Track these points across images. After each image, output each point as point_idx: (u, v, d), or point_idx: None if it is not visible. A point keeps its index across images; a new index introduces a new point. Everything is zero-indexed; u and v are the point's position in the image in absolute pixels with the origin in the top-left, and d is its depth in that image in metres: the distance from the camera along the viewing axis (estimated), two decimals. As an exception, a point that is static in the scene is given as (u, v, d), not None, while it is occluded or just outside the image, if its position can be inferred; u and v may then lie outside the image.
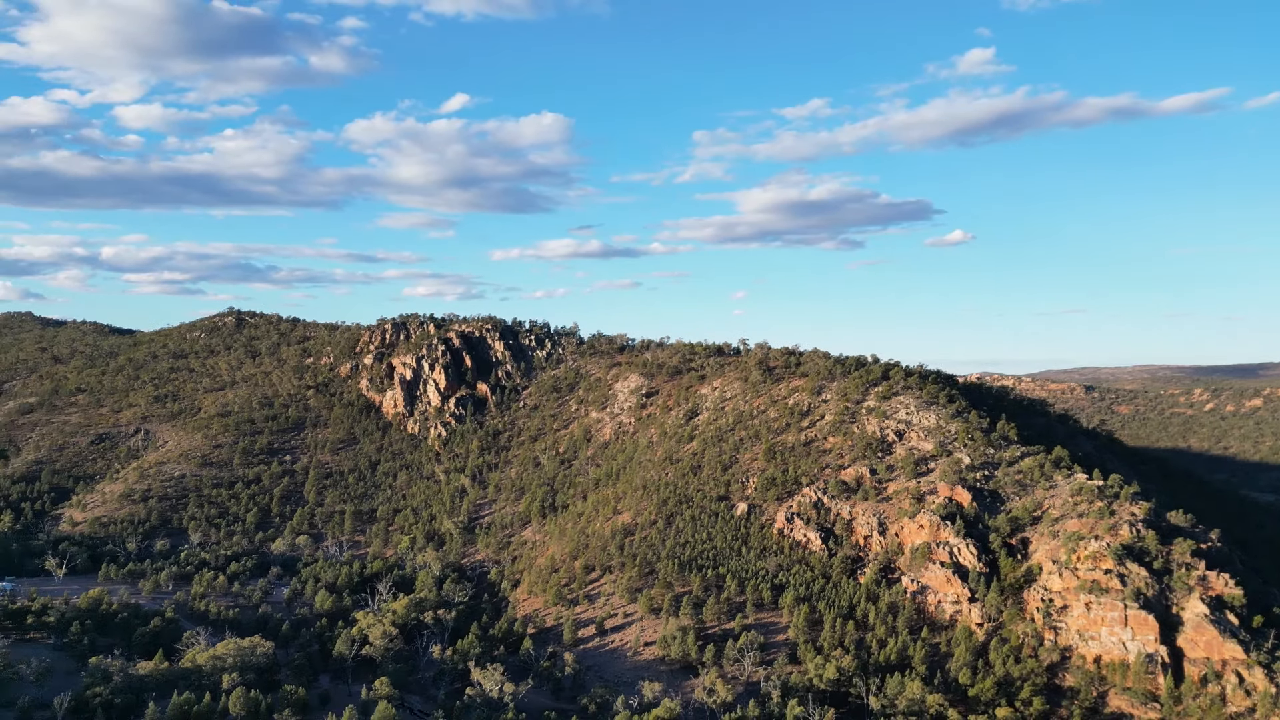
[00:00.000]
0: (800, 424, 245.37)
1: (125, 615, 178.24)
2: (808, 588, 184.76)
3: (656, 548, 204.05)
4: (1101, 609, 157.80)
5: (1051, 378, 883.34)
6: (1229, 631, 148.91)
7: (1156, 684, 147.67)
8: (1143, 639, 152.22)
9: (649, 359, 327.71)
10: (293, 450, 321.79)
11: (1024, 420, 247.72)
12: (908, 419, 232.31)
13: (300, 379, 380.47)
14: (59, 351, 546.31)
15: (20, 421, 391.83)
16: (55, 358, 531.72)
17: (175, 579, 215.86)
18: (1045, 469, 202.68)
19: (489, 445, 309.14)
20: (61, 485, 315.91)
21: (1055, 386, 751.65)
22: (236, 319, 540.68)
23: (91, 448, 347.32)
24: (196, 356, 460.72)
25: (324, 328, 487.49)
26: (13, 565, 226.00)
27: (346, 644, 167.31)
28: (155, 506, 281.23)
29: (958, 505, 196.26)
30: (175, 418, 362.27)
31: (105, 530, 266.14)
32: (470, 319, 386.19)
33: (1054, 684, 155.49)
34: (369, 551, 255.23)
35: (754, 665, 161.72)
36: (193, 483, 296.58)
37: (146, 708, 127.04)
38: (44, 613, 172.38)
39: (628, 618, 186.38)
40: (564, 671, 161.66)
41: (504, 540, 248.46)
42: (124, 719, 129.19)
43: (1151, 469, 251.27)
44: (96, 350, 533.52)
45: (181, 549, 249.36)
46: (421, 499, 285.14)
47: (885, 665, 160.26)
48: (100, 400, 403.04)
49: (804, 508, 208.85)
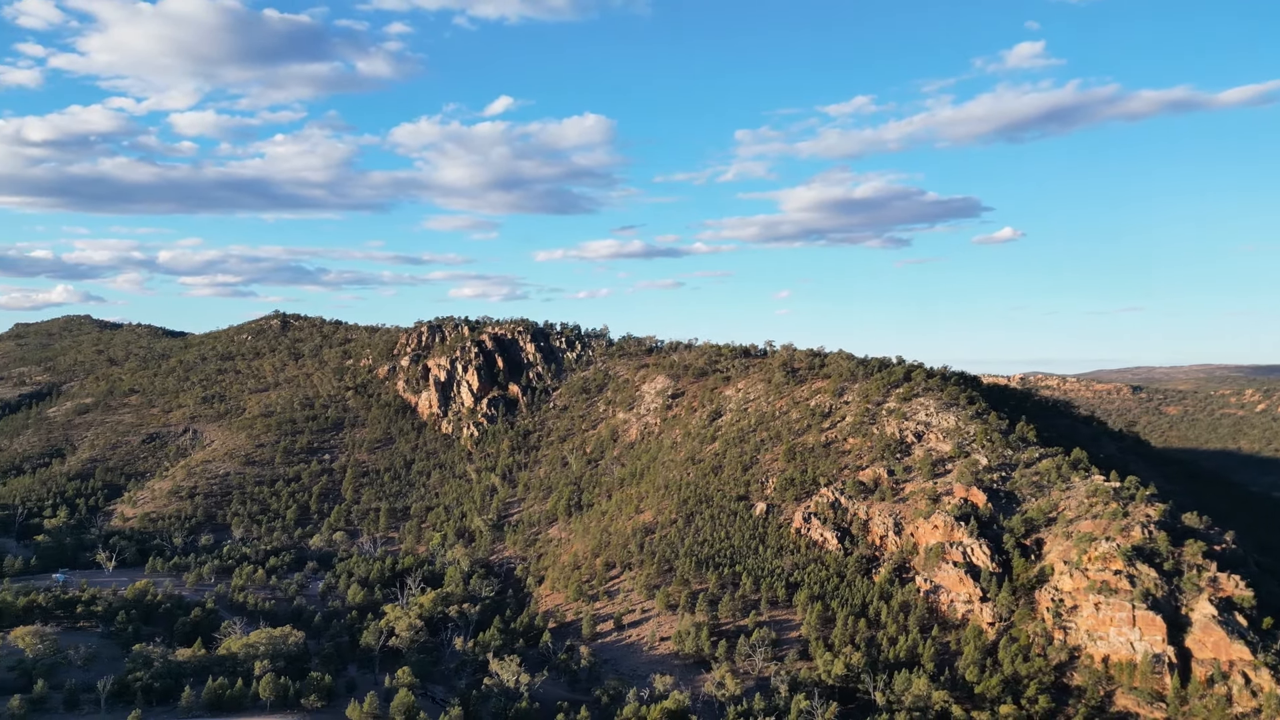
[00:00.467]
0: (821, 425, 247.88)
1: (168, 605, 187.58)
2: (822, 586, 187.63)
3: (675, 546, 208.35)
4: (1110, 609, 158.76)
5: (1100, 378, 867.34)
6: (1237, 633, 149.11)
7: (1163, 684, 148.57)
8: (1150, 639, 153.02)
9: (676, 360, 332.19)
10: (331, 449, 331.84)
11: (1046, 422, 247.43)
12: (927, 420, 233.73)
13: (340, 380, 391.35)
14: (114, 354, 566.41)
15: (77, 421, 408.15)
16: (111, 360, 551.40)
17: (217, 572, 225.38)
18: (1062, 470, 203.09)
19: (519, 445, 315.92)
20: (114, 482, 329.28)
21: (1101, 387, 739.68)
22: (282, 321, 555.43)
23: (142, 446, 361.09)
24: (243, 358, 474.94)
25: (364, 330, 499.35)
26: (66, 558, 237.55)
27: (374, 635, 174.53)
28: (201, 503, 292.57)
29: (973, 506, 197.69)
30: (221, 418, 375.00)
31: (154, 525, 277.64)
32: (503, 321, 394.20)
33: (1062, 683, 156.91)
34: (402, 548, 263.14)
35: (765, 661, 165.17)
36: (236, 480, 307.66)
37: (183, 691, 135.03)
38: (93, 603, 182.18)
39: (645, 613, 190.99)
40: (580, 664, 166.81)
41: (531, 537, 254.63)
42: (162, 701, 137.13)
43: (1176, 471, 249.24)
44: (150, 352, 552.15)
45: (224, 544, 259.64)
46: (453, 497, 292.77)
47: (895, 662, 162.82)
48: (152, 401, 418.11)
49: (821, 508, 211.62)
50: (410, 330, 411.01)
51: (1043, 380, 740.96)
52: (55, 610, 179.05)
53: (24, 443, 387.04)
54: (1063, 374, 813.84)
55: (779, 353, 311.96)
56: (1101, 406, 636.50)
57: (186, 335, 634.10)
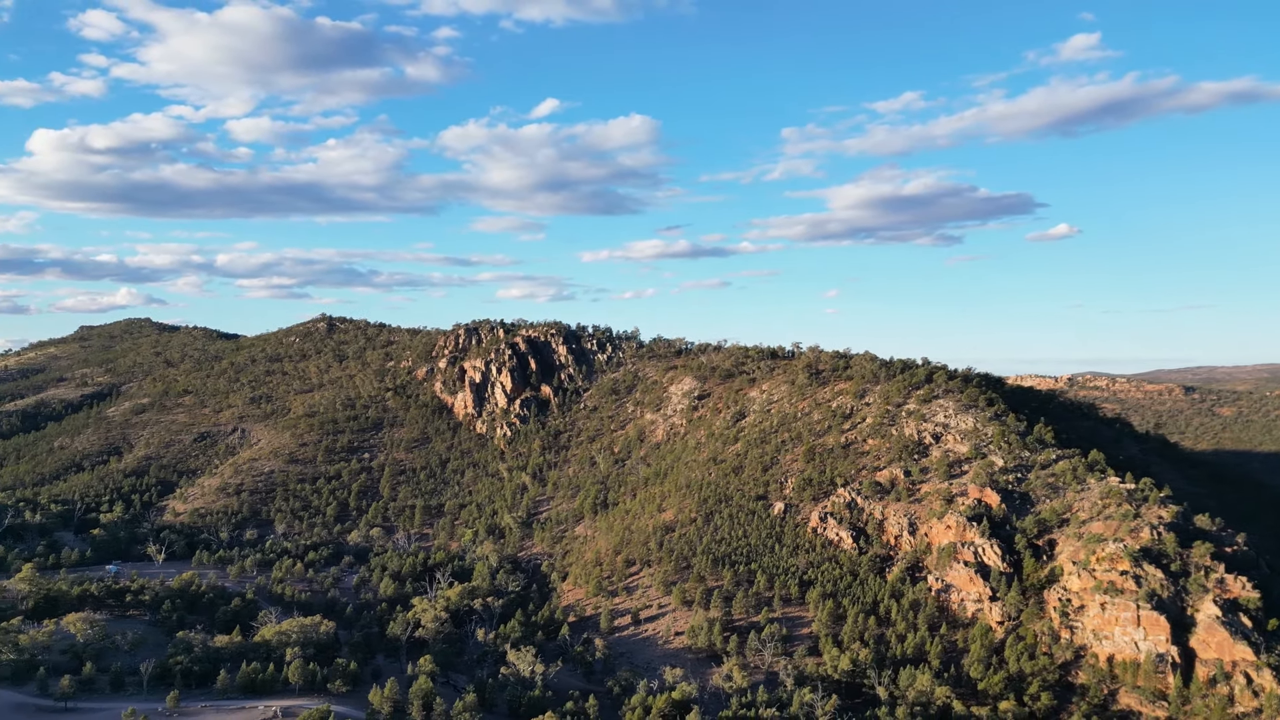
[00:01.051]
0: (841, 426, 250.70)
1: (211, 596, 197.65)
2: (834, 584, 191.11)
3: (694, 544, 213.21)
4: (1115, 609, 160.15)
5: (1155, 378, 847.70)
6: (1240, 633, 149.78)
7: (1166, 683, 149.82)
8: (1154, 639, 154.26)
9: (703, 362, 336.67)
10: (371, 448, 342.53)
11: (1069, 424, 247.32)
12: (945, 422, 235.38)
13: (381, 381, 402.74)
14: (171, 355, 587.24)
15: (134, 420, 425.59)
16: (167, 361, 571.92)
17: (259, 565, 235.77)
18: (1078, 472, 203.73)
19: (549, 445, 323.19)
20: (167, 479, 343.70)
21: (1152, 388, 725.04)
22: (328, 324, 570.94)
23: (194, 445, 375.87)
24: (290, 360, 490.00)
25: (406, 332, 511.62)
26: (120, 551, 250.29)
27: (401, 626, 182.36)
28: (246, 499, 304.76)
29: (986, 506, 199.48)
30: (268, 417, 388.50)
31: (202, 521, 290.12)
32: (536, 324, 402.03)
33: (1066, 681, 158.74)
34: (435, 544, 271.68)
35: (774, 656, 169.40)
36: (280, 478, 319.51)
37: (219, 675, 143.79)
38: (141, 592, 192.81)
39: (662, 609, 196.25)
40: (594, 656, 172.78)
41: (558, 535, 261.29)
42: (200, 684, 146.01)
43: (1201, 473, 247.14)
44: (203, 354, 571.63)
45: (267, 539, 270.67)
46: (485, 495, 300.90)
47: (902, 659, 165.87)
48: (204, 401, 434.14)
49: (838, 508, 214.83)
50: (448, 332, 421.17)
51: (1091, 381, 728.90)
52: (106, 599, 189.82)
53: (84, 441, 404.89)
54: (1119, 374, 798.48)
55: (805, 354, 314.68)
56: (1151, 408, 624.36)
57: (239, 337, 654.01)
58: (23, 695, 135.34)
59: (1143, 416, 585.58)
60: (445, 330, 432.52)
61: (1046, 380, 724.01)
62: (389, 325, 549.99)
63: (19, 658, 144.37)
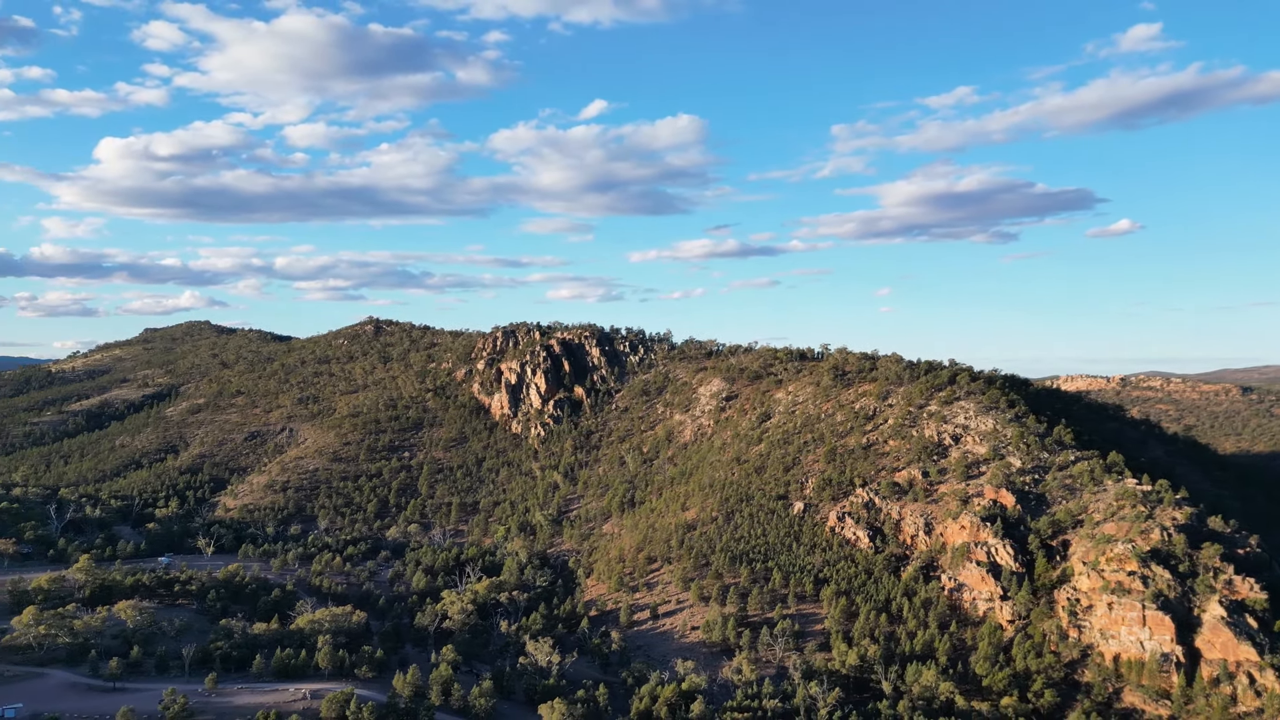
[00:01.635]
0: (864, 427, 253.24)
1: (253, 587, 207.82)
2: (849, 582, 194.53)
3: (713, 542, 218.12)
4: (1122, 609, 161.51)
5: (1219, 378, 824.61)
6: (1245, 634, 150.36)
7: (1170, 682, 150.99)
8: (1159, 639, 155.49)
9: (732, 364, 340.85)
10: (411, 447, 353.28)
11: (1093, 426, 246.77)
12: (965, 423, 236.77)
13: (422, 382, 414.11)
14: (227, 357, 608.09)
15: (190, 420, 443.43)
16: (223, 363, 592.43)
17: (300, 558, 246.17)
18: (1095, 473, 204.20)
19: (581, 444, 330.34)
20: (219, 476, 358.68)
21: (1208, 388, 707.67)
22: (375, 327, 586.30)
23: (245, 444, 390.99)
24: (338, 362, 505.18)
25: (449, 334, 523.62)
26: (173, 544, 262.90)
27: (429, 617, 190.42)
28: (292, 496, 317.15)
29: (1001, 507, 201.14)
30: (315, 417, 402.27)
31: (250, 516, 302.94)
32: (571, 326, 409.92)
33: (1072, 679, 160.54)
34: (469, 540, 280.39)
35: (785, 651, 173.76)
36: (324, 475, 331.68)
37: (254, 660, 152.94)
38: (189, 583, 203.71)
39: (680, 604, 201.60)
40: (611, 648, 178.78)
41: (586, 532, 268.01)
42: (239, 668, 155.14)
43: (1230, 475, 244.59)
44: (257, 356, 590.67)
45: (310, 533, 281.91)
46: (519, 493, 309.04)
47: (911, 655, 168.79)
48: (255, 401, 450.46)
49: (856, 507, 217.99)
50: (487, 335, 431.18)
51: (1145, 381, 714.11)
52: (157, 589, 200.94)
53: (143, 440, 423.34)
54: (1183, 374, 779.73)
55: (832, 356, 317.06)
56: (1207, 409, 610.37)
57: (291, 339, 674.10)
58: (76, 676, 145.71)
59: (1197, 418, 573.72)
60: (485, 332, 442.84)
61: (1099, 381, 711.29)
62: (433, 328, 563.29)
63: (73, 641, 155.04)
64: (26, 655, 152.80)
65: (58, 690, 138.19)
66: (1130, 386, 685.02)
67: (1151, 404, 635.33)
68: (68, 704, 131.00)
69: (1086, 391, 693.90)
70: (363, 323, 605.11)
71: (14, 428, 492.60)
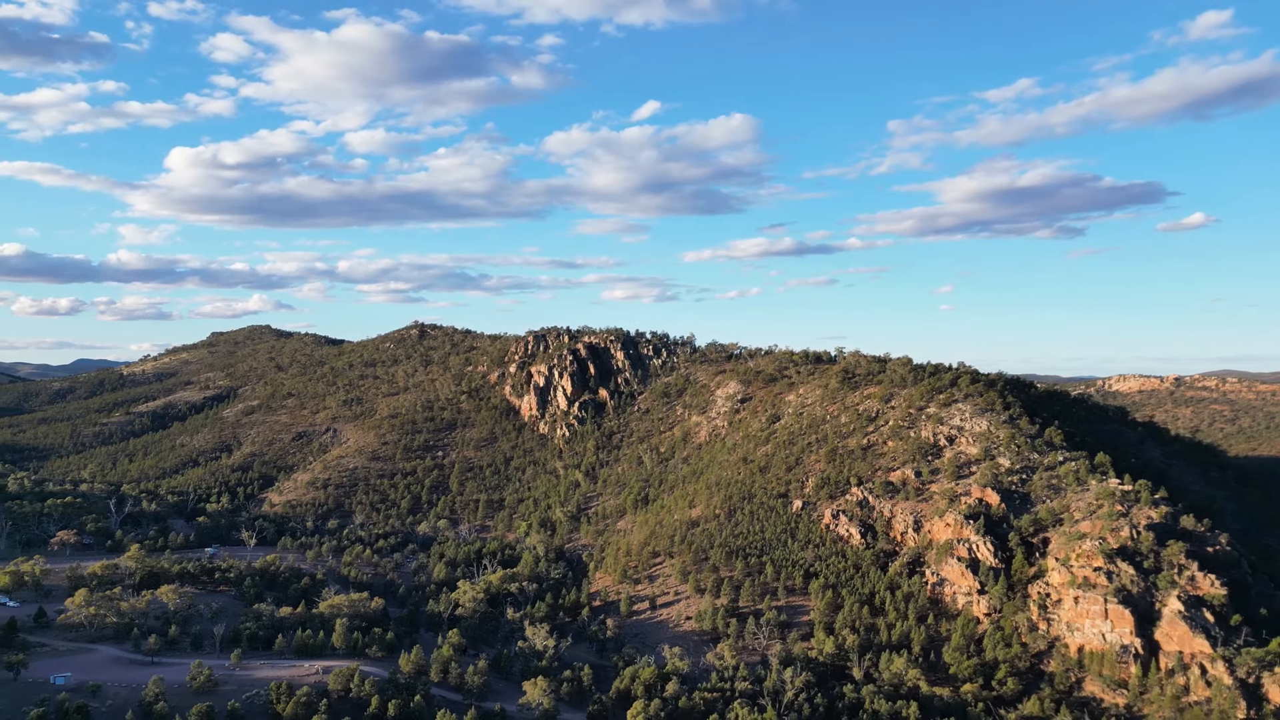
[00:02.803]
0: (865, 429, 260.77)
1: (287, 575, 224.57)
2: (837, 576, 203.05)
3: (714, 537, 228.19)
4: (1087, 603, 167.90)
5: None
6: (1201, 627, 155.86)
7: (1128, 672, 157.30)
8: (1120, 631, 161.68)
9: (749, 367, 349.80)
10: (444, 447, 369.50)
11: (1091, 427, 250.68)
12: (961, 425, 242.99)
13: (458, 385, 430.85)
14: (282, 361, 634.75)
15: (243, 421, 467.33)
16: (278, 366, 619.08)
17: (334, 550, 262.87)
18: (1079, 474, 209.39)
19: (603, 444, 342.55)
20: (268, 474, 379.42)
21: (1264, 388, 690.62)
22: (420, 331, 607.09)
23: (292, 443, 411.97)
24: (382, 365, 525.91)
25: (488, 338, 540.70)
26: (220, 536, 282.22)
27: (444, 605, 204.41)
28: (332, 493, 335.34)
29: (986, 506, 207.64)
30: (357, 418, 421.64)
31: (293, 511, 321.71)
32: (598, 330, 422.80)
33: (1038, 669, 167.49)
34: (493, 534, 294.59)
35: (769, 639, 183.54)
36: (362, 474, 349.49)
37: (277, 639, 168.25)
38: (229, 571, 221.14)
39: (677, 596, 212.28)
40: (606, 635, 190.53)
41: (602, 528, 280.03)
42: (264, 646, 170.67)
43: (1228, 476, 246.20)
44: (310, 359, 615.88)
45: (345, 528, 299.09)
46: (542, 490, 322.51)
47: (888, 645, 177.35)
48: (304, 403, 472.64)
49: (850, 505, 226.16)
50: (520, 339, 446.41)
51: (1199, 381, 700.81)
52: (200, 576, 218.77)
53: (201, 439, 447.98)
54: (1261, 372, 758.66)
55: (845, 359, 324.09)
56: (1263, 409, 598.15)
57: (343, 343, 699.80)
58: (120, 651, 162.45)
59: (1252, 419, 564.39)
60: (518, 336, 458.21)
61: (1152, 381, 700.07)
62: (474, 331, 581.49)
63: (120, 621, 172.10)
64: (79, 633, 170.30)
65: (103, 663, 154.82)
66: (1185, 387, 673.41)
67: (1205, 404, 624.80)
68: (110, 675, 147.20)
69: (1138, 392, 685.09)
70: (409, 327, 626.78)
71: (86, 428, 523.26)
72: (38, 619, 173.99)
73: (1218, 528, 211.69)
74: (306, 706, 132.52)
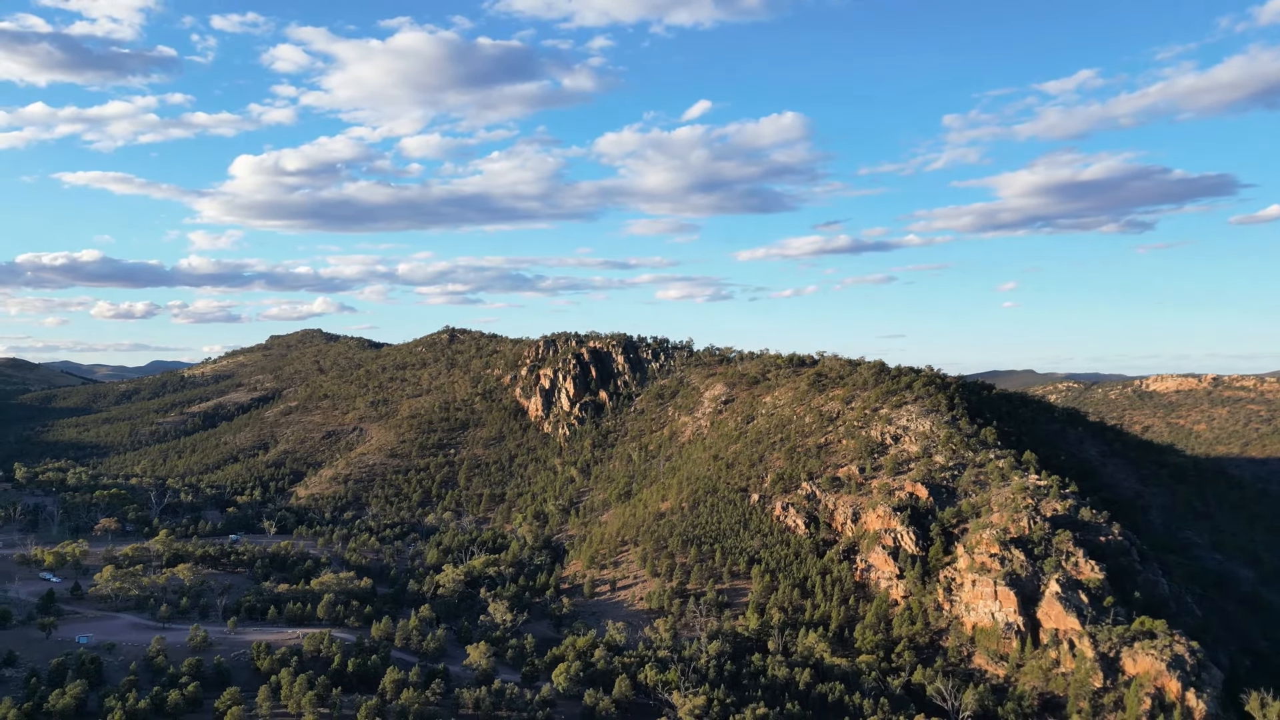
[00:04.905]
0: (825, 429, 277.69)
1: (295, 558, 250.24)
2: (778, 562, 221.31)
3: (675, 527, 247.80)
4: (981, 586, 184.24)
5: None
6: (1074, 607, 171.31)
7: (1010, 646, 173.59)
8: (1006, 610, 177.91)
9: (737, 370, 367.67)
10: (456, 445, 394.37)
11: (1034, 427, 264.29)
12: (906, 425, 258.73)
13: (474, 387, 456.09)
14: (324, 364, 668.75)
15: (282, 421, 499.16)
16: (320, 369, 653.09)
17: (343, 538, 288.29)
18: (1003, 470, 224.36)
19: (599, 443, 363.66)
20: (298, 470, 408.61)
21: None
22: (449, 335, 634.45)
23: (322, 441, 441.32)
24: (411, 369, 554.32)
25: (510, 342, 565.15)
26: (247, 525, 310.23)
27: (427, 585, 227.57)
28: (351, 487, 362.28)
29: (915, 499, 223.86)
30: (382, 418, 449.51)
31: (315, 504, 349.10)
32: (603, 336, 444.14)
33: (937, 644, 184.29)
34: (492, 525, 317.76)
35: (705, 616, 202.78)
36: (380, 470, 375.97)
37: (269, 611, 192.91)
38: (243, 554, 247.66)
39: (636, 579, 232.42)
40: (562, 612, 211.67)
41: (588, 520, 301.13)
42: (260, 616, 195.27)
43: (1164, 473, 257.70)
44: (349, 362, 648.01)
45: (358, 519, 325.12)
46: (540, 485, 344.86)
47: (810, 623, 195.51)
48: (336, 404, 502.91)
49: (799, 499, 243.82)
50: (533, 343, 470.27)
51: (1239, 381, 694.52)
52: (219, 558, 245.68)
53: (242, 438, 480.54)
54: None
55: (821, 363, 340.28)
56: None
57: (383, 346, 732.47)
58: (138, 619, 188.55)
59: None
60: (531, 341, 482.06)
61: (1189, 380, 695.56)
62: (499, 336, 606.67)
63: (141, 593, 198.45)
64: (106, 603, 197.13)
65: (122, 628, 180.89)
66: (1222, 386, 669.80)
67: (1242, 405, 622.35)
68: (125, 637, 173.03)
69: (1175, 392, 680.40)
70: (440, 331, 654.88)
71: (143, 427, 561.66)
72: (73, 591, 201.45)
73: (1140, 520, 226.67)
74: (280, 662, 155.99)
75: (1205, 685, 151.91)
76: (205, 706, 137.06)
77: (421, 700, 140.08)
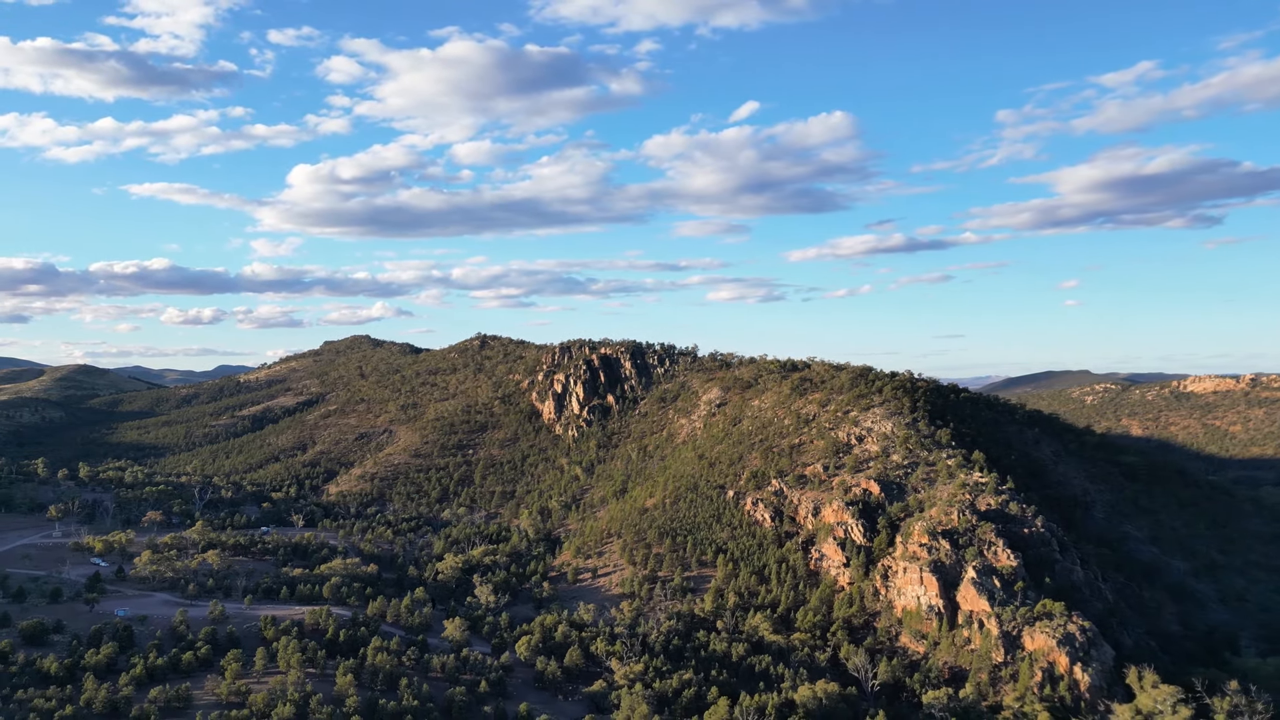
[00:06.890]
0: (801, 430, 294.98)
1: (314, 547, 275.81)
2: (742, 552, 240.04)
3: (655, 520, 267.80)
4: (911, 572, 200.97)
5: None
6: (986, 591, 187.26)
7: (931, 627, 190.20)
8: (930, 594, 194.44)
9: (733, 375, 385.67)
10: (474, 445, 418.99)
11: (993, 428, 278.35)
12: (871, 426, 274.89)
13: (495, 391, 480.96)
14: (365, 369, 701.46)
15: (321, 423, 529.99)
16: (361, 374, 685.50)
17: (362, 530, 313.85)
18: (951, 469, 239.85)
19: (604, 444, 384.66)
20: (331, 469, 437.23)
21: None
22: (481, 341, 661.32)
23: (355, 443, 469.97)
24: (442, 374, 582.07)
25: (535, 348, 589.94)
26: (279, 519, 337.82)
27: (428, 572, 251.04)
28: (377, 485, 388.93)
29: (868, 494, 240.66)
30: (410, 421, 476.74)
31: (343, 500, 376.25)
32: (612, 342, 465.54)
33: (870, 625, 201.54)
34: (500, 520, 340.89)
35: (669, 600, 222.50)
36: (403, 469, 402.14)
37: (282, 591, 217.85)
38: (270, 544, 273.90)
39: (615, 568, 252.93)
40: (543, 595, 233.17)
41: (587, 515, 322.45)
42: (274, 596, 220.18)
43: (1116, 471, 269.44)
44: (389, 368, 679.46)
45: (379, 514, 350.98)
46: (548, 483, 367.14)
47: (760, 606, 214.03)
48: (371, 408, 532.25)
49: (767, 495, 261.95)
50: (550, 349, 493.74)
51: (1275, 382, 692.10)
52: (249, 547, 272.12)
53: (285, 439, 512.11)
54: None
55: (810, 368, 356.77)
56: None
57: (422, 352, 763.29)
58: (170, 597, 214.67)
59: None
60: (549, 347, 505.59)
61: (1227, 381, 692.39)
62: (526, 342, 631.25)
63: (174, 575, 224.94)
64: (144, 584, 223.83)
65: (155, 604, 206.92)
66: (1260, 387, 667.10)
67: (1278, 405, 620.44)
68: (156, 611, 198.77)
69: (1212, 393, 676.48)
70: (472, 338, 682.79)
71: (198, 429, 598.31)
72: (117, 574, 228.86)
73: (1080, 515, 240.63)
74: (283, 632, 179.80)
75: (1093, 661, 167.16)
76: (214, 666, 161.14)
77: (394, 663, 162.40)
